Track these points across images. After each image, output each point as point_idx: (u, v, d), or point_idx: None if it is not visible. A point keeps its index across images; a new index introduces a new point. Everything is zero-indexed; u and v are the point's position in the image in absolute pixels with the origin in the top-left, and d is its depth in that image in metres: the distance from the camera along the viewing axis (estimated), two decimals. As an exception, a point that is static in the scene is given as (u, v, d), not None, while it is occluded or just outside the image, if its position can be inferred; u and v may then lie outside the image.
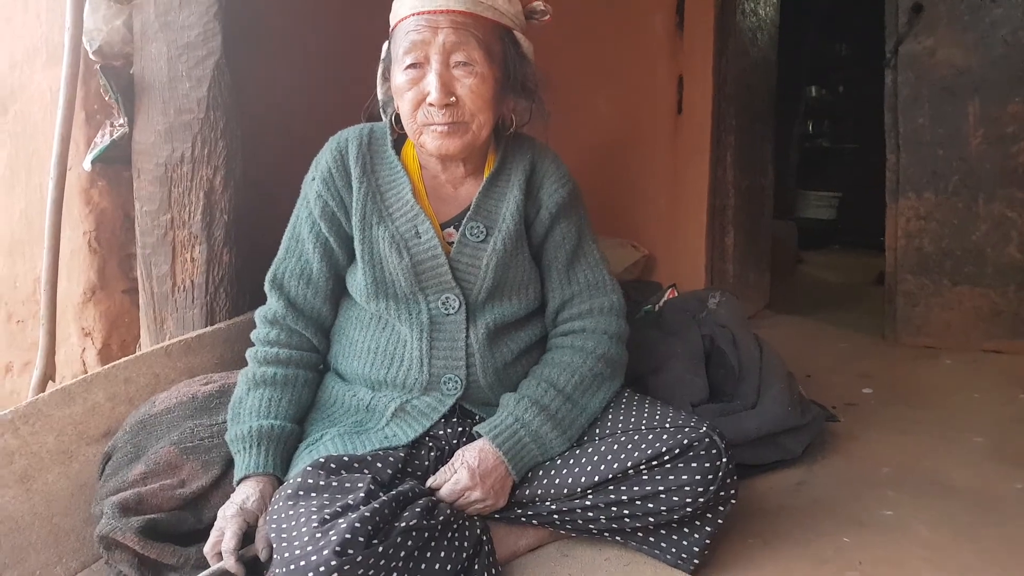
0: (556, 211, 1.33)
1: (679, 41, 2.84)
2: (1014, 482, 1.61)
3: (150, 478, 1.20)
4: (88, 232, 1.68)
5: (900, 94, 2.76)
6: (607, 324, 1.33)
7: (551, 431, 1.22)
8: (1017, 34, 2.58)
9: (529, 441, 1.20)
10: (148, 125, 1.58)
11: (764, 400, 1.68)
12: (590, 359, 1.28)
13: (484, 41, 1.19)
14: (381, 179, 1.29)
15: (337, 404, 1.30)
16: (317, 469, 1.10)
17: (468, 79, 1.19)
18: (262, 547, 1.10)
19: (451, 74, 1.19)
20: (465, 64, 1.18)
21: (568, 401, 1.24)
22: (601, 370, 1.29)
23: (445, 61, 1.18)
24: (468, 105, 1.20)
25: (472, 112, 1.21)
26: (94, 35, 1.55)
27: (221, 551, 1.09)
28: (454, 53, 1.18)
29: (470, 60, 1.18)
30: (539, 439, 1.21)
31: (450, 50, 1.18)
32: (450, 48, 1.17)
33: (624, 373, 1.35)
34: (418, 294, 1.25)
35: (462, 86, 1.19)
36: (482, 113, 1.21)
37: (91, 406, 1.36)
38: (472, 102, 1.20)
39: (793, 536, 1.37)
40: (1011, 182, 2.63)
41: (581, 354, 1.29)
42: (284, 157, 1.60)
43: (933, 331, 2.77)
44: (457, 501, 1.16)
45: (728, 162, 2.96)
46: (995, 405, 2.13)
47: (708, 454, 1.16)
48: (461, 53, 1.18)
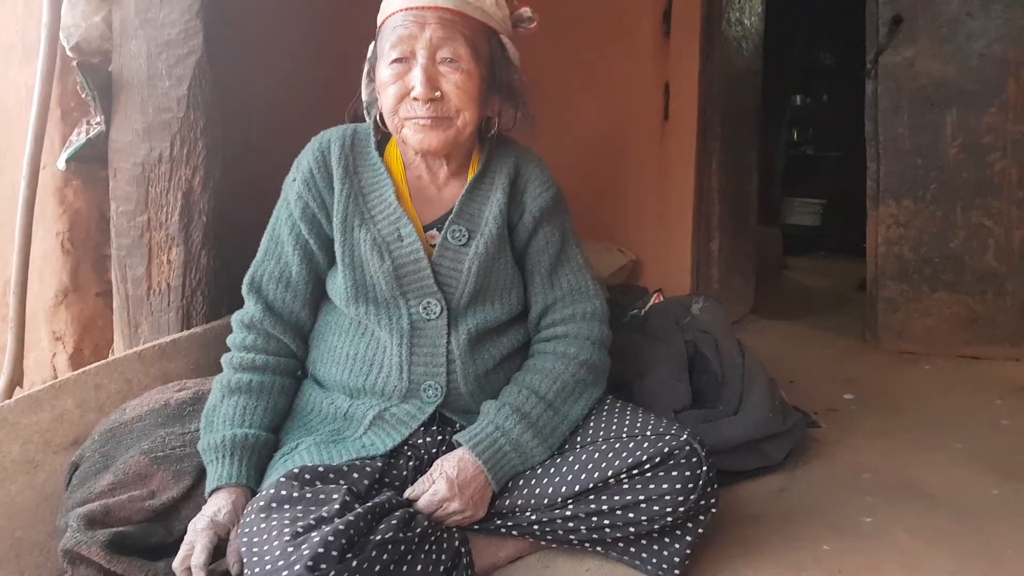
0: (540, 215, 1.32)
1: (666, 48, 2.85)
2: (991, 488, 1.63)
3: (119, 489, 1.17)
4: (61, 232, 1.65)
5: (880, 104, 2.79)
6: (590, 330, 1.32)
7: (532, 439, 1.20)
8: (992, 47, 2.61)
9: (510, 450, 1.19)
10: (126, 123, 1.55)
11: (746, 406, 1.68)
12: (572, 365, 1.27)
13: (471, 39, 1.19)
14: (364, 180, 1.28)
15: (314, 412, 1.27)
16: (291, 480, 1.08)
17: (454, 75, 1.18)
18: (233, 561, 1.07)
19: (437, 69, 1.18)
20: (451, 60, 1.18)
21: (550, 408, 1.23)
22: (583, 376, 1.28)
23: (431, 56, 1.17)
24: (453, 100, 1.19)
25: (457, 108, 1.20)
26: (72, 31, 1.52)
27: (191, 566, 1.06)
28: (440, 49, 1.17)
29: (456, 56, 1.18)
30: (520, 448, 1.19)
31: (437, 45, 1.17)
32: (437, 43, 1.17)
33: (607, 379, 1.34)
34: (399, 298, 1.23)
35: (447, 81, 1.18)
36: (467, 110, 1.20)
37: (59, 413, 1.32)
38: (457, 98, 1.19)
39: (773, 544, 1.37)
40: (988, 191, 2.66)
41: (563, 360, 1.28)
42: (265, 157, 1.58)
43: (913, 337, 2.80)
44: (435, 512, 1.14)
45: (714, 168, 2.98)
46: (973, 411, 2.15)
47: (688, 462, 1.15)
48: (447, 49, 1.17)
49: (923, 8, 2.69)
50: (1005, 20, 2.59)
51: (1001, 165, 2.64)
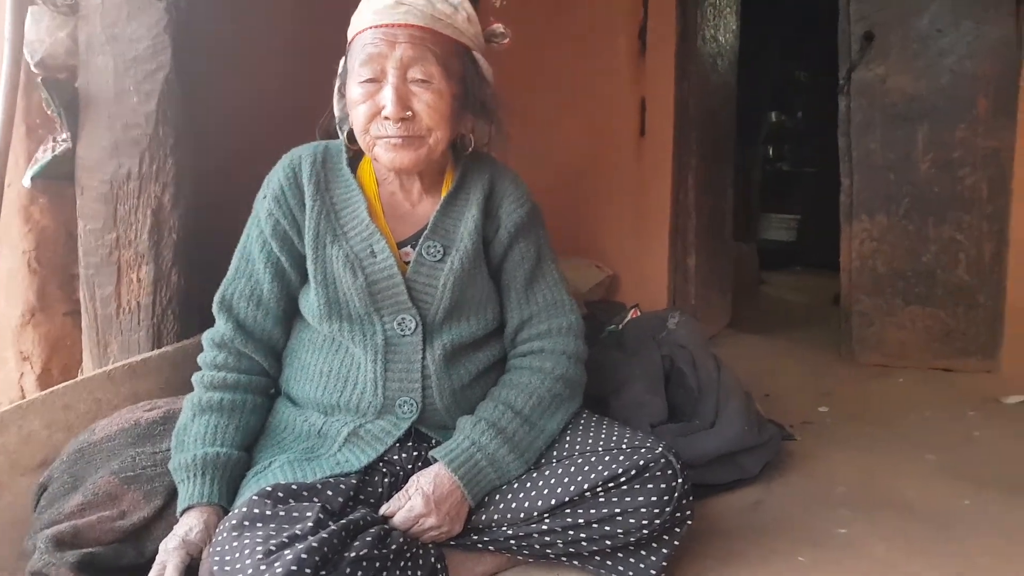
0: (515, 230, 1.31)
1: (642, 65, 2.89)
2: (963, 498, 1.64)
3: (88, 510, 1.15)
4: (28, 251, 1.62)
5: (853, 119, 2.84)
6: (565, 344, 1.31)
7: (508, 454, 1.19)
8: (963, 63, 2.67)
9: (486, 465, 1.18)
10: (93, 140, 1.53)
11: (722, 420, 1.69)
12: (548, 380, 1.27)
13: (442, 57, 1.18)
14: (336, 197, 1.27)
15: (288, 430, 1.26)
16: (264, 499, 1.06)
17: (425, 94, 1.17)
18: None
19: (408, 88, 1.17)
20: (422, 80, 1.17)
21: (526, 423, 1.22)
22: (560, 391, 1.27)
23: (402, 75, 1.17)
24: (424, 120, 1.18)
25: (428, 127, 1.19)
26: (36, 47, 1.51)
27: None
28: (411, 68, 1.17)
29: (427, 76, 1.17)
30: (496, 463, 1.19)
31: (407, 64, 1.16)
32: (407, 63, 1.16)
33: (583, 394, 1.34)
34: (373, 315, 1.22)
35: (419, 101, 1.17)
36: (439, 129, 1.20)
37: (26, 434, 1.30)
38: (429, 117, 1.18)
39: (749, 556, 1.37)
40: (959, 206, 2.71)
41: (539, 375, 1.27)
42: (236, 174, 1.57)
43: (887, 350, 2.83)
44: (411, 529, 1.13)
45: (690, 184, 3.00)
46: (946, 422, 2.18)
47: (664, 475, 1.15)
48: (418, 68, 1.17)
49: (894, 25, 2.74)
50: (975, 36, 2.64)
51: (972, 180, 2.68)
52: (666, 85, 2.86)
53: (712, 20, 3.15)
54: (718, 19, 3.22)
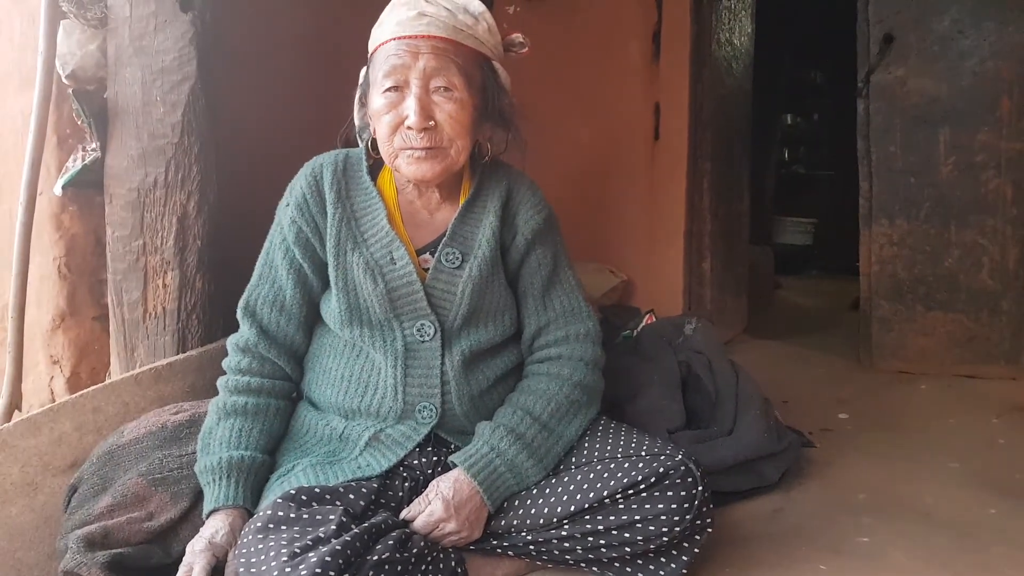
0: (532, 237, 1.33)
1: (655, 69, 2.89)
2: (988, 507, 1.62)
3: (117, 511, 1.17)
4: (58, 258, 1.66)
5: (872, 122, 2.81)
6: (583, 351, 1.32)
7: (527, 460, 1.20)
8: (984, 64, 2.64)
9: (505, 471, 1.19)
10: (121, 150, 1.56)
11: (740, 426, 1.68)
12: (566, 386, 1.28)
13: (464, 68, 1.20)
14: (356, 205, 1.29)
15: (310, 433, 1.28)
16: (287, 501, 1.08)
17: (448, 104, 1.19)
18: None
19: (430, 99, 1.19)
20: (445, 89, 1.19)
21: (544, 429, 1.23)
22: (577, 397, 1.28)
23: (425, 86, 1.18)
24: (447, 130, 1.20)
25: (451, 137, 1.21)
26: (67, 59, 1.54)
27: None
28: (434, 78, 1.18)
29: (450, 86, 1.19)
30: (515, 468, 1.19)
31: (430, 75, 1.18)
32: (430, 73, 1.18)
33: (600, 400, 1.34)
34: (392, 321, 1.24)
35: (441, 111, 1.19)
36: (460, 139, 1.22)
37: (58, 436, 1.32)
38: (451, 127, 1.20)
39: (769, 564, 1.37)
40: (982, 209, 2.68)
41: (557, 381, 1.28)
42: (258, 182, 1.59)
43: (908, 356, 2.80)
44: (431, 533, 1.14)
45: (705, 188, 2.99)
46: (970, 430, 2.15)
47: (684, 483, 1.15)
48: (441, 79, 1.18)
49: (914, 26, 2.72)
50: (998, 37, 2.62)
51: (995, 183, 2.66)
52: (680, 89, 2.85)
53: (727, 23, 3.14)
54: (733, 22, 3.21)
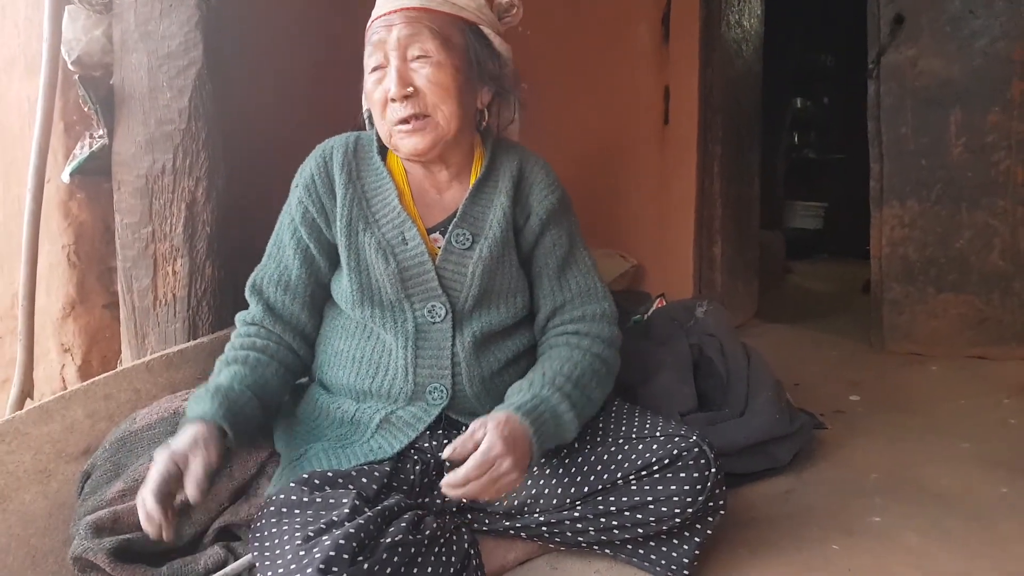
0: (546, 217, 1.31)
1: (665, 52, 2.87)
2: (1000, 486, 1.62)
3: (128, 496, 1.17)
4: (67, 245, 1.66)
5: (883, 104, 2.79)
6: (600, 329, 1.31)
7: (568, 411, 1.15)
8: (996, 45, 2.61)
9: (549, 418, 1.12)
10: (128, 136, 1.56)
11: (752, 409, 1.68)
12: (588, 356, 1.25)
13: (439, 32, 1.19)
14: (367, 185, 1.29)
15: (321, 416, 1.28)
16: (301, 486, 1.08)
17: (424, 68, 1.19)
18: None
19: (408, 66, 1.19)
20: (421, 56, 1.19)
21: (576, 387, 1.19)
22: (598, 368, 1.25)
23: (402, 56, 1.19)
24: (428, 96, 1.19)
25: (433, 102, 1.20)
26: (73, 45, 1.54)
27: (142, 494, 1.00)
28: (410, 47, 1.19)
29: (424, 52, 1.19)
30: (557, 417, 1.14)
31: (405, 44, 1.18)
32: (405, 42, 1.18)
33: (615, 380, 1.33)
34: (404, 301, 1.24)
35: (420, 76, 1.19)
36: (444, 103, 1.20)
37: (70, 424, 1.33)
38: (431, 92, 1.19)
39: (782, 545, 1.37)
40: (993, 190, 2.66)
41: (579, 351, 1.26)
42: (267, 168, 1.59)
43: (919, 338, 2.79)
44: (484, 475, 1.02)
45: (715, 172, 2.98)
46: (981, 411, 2.14)
47: (697, 464, 1.15)
48: (416, 46, 1.19)
49: (925, 6, 2.69)
50: (1009, 17, 2.59)
51: (1006, 164, 2.63)
52: (690, 72, 2.84)
53: (736, 5, 3.11)
54: (742, 4, 3.19)
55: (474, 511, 1.24)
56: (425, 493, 1.21)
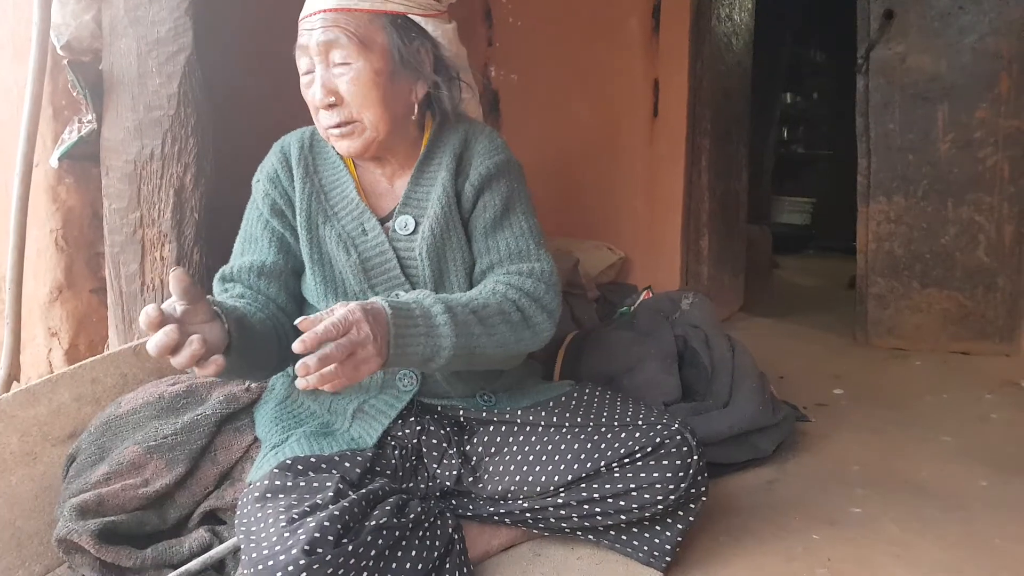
0: (479, 182, 1.28)
1: (655, 45, 2.87)
2: (980, 479, 1.64)
3: (113, 478, 1.18)
4: (55, 230, 1.65)
5: (871, 99, 2.81)
6: (522, 282, 1.22)
7: (446, 322, 1.05)
8: (984, 41, 2.63)
9: (419, 316, 1.03)
10: (117, 121, 1.55)
11: (736, 399, 1.70)
12: (497, 297, 1.18)
13: (357, 35, 1.16)
14: (324, 179, 1.29)
15: (302, 406, 1.29)
16: (284, 471, 1.09)
17: (345, 76, 1.17)
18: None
19: (331, 73, 1.18)
20: (340, 63, 1.17)
21: (472, 313, 1.10)
22: (508, 310, 1.16)
23: (324, 62, 1.18)
24: (351, 102, 1.18)
25: (357, 109, 1.18)
26: (62, 30, 1.53)
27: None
28: (330, 52, 1.17)
29: (344, 58, 1.17)
30: (429, 320, 1.04)
31: (324, 50, 1.17)
32: (323, 48, 1.16)
33: (541, 341, 1.22)
34: (368, 292, 1.24)
35: (342, 83, 1.17)
36: (367, 109, 1.18)
37: (56, 407, 1.33)
38: (353, 98, 1.18)
39: (763, 534, 1.39)
40: (979, 186, 2.69)
41: (489, 292, 1.19)
42: (255, 155, 1.58)
43: (903, 333, 2.82)
44: (345, 338, 0.93)
45: (703, 166, 2.99)
46: (963, 405, 2.17)
47: (679, 451, 1.16)
48: (336, 52, 1.17)
49: (914, 2, 2.71)
50: (998, 14, 2.61)
51: (993, 160, 2.66)
52: (680, 65, 2.84)
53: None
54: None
55: (459, 496, 1.25)
56: (408, 478, 1.23)
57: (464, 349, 1.07)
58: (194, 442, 1.24)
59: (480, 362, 1.15)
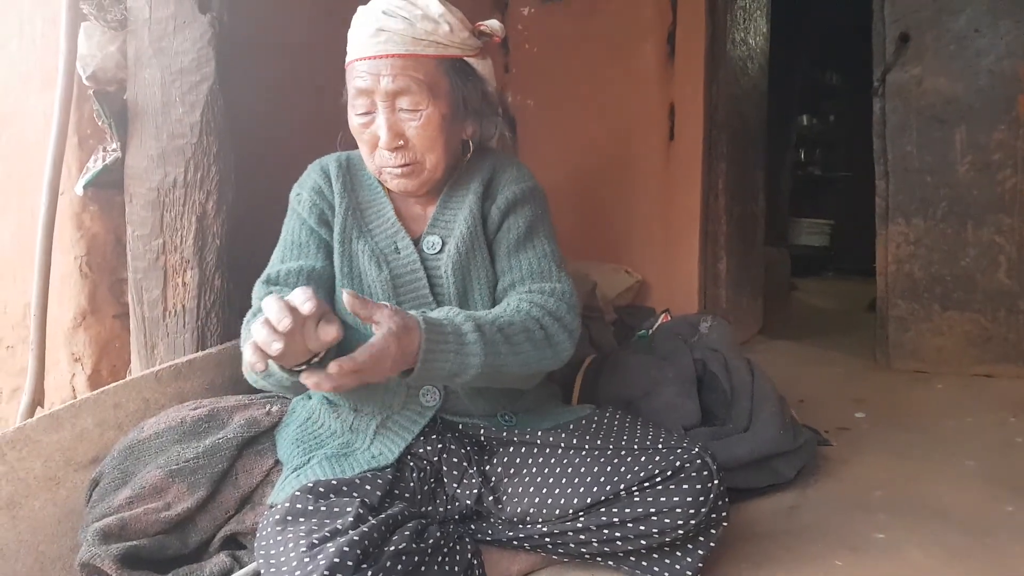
0: (506, 206, 1.33)
1: (670, 69, 2.89)
2: (1005, 504, 1.61)
3: (136, 502, 1.19)
4: (79, 257, 1.68)
5: (888, 122, 2.81)
6: (544, 301, 1.25)
7: (475, 340, 1.09)
8: (1001, 63, 2.63)
9: (450, 332, 1.07)
10: (141, 150, 1.59)
11: (756, 424, 1.68)
12: (521, 315, 1.20)
13: (426, 82, 1.21)
14: (361, 198, 1.35)
15: (324, 427, 1.30)
16: (306, 494, 1.09)
17: (414, 122, 1.22)
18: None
19: (397, 117, 1.22)
20: (409, 109, 1.21)
21: (499, 331, 1.14)
22: (532, 328, 1.19)
23: (391, 106, 1.21)
24: (417, 146, 1.23)
25: (422, 152, 1.24)
26: (88, 61, 1.57)
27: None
28: (398, 98, 1.21)
29: (413, 105, 1.21)
30: (459, 336, 1.08)
31: (393, 96, 1.21)
32: (393, 94, 1.20)
33: (561, 361, 1.24)
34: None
35: (410, 128, 1.22)
36: (432, 152, 1.24)
37: (79, 432, 1.34)
38: (420, 143, 1.23)
39: (785, 560, 1.36)
40: (999, 208, 2.67)
41: (512, 310, 1.21)
42: (275, 182, 1.61)
43: (924, 356, 2.79)
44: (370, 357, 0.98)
45: (720, 189, 2.99)
46: (986, 429, 2.14)
47: (700, 476, 1.16)
48: (404, 98, 1.21)
49: (930, 25, 2.71)
50: (1014, 36, 2.60)
51: (1012, 182, 2.64)
52: (695, 89, 2.86)
53: (742, 23, 3.14)
54: (748, 22, 3.21)
55: (478, 520, 1.25)
56: (427, 502, 1.23)
57: (490, 367, 1.11)
58: (215, 466, 1.25)
59: (502, 380, 1.18)
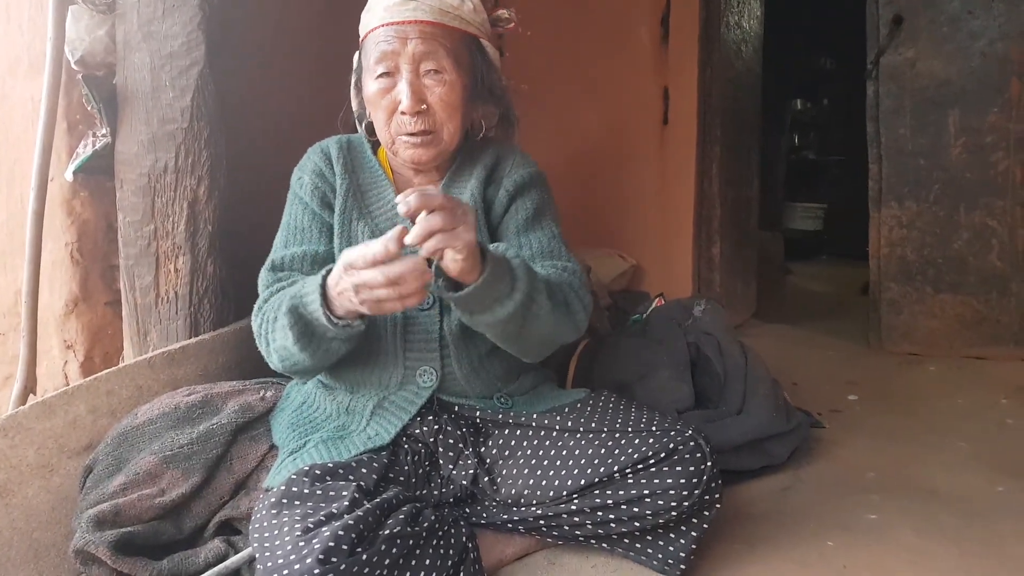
0: (513, 190, 1.34)
1: (664, 53, 2.88)
2: (996, 485, 1.63)
3: (130, 489, 1.18)
4: (70, 243, 1.67)
5: (882, 105, 2.80)
6: (559, 275, 1.26)
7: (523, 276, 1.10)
8: (994, 45, 2.62)
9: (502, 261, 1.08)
10: (131, 135, 1.57)
11: (749, 406, 1.69)
12: (554, 277, 1.23)
13: (452, 50, 1.23)
14: (362, 179, 1.35)
15: (319, 410, 1.30)
16: (301, 477, 1.09)
17: (438, 87, 1.22)
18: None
19: (421, 82, 1.22)
20: (435, 72, 1.22)
21: (533, 276, 1.14)
22: (565, 293, 1.21)
23: (415, 70, 1.22)
24: (438, 113, 1.24)
25: (442, 120, 1.24)
26: (76, 45, 1.55)
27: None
28: (424, 62, 1.22)
29: (439, 68, 1.22)
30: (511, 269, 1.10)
31: (420, 59, 1.21)
32: (420, 57, 1.21)
33: (575, 333, 1.25)
34: None
35: (432, 94, 1.23)
36: (451, 121, 1.25)
37: (72, 419, 1.34)
38: (442, 110, 1.23)
39: (778, 541, 1.38)
40: (991, 191, 2.67)
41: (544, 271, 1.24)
42: (267, 167, 1.60)
43: (917, 338, 2.80)
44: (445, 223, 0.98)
45: (714, 173, 2.99)
46: (978, 411, 2.15)
47: (693, 458, 1.16)
48: (430, 62, 1.21)
49: (924, 7, 2.70)
50: (1008, 18, 2.60)
51: (1004, 165, 2.65)
52: (689, 73, 2.85)
53: (736, 6, 3.12)
54: (742, 5, 3.20)
55: (472, 503, 1.25)
56: (422, 485, 1.23)
57: (524, 307, 1.11)
58: (210, 451, 1.25)
59: (522, 337, 1.17)
